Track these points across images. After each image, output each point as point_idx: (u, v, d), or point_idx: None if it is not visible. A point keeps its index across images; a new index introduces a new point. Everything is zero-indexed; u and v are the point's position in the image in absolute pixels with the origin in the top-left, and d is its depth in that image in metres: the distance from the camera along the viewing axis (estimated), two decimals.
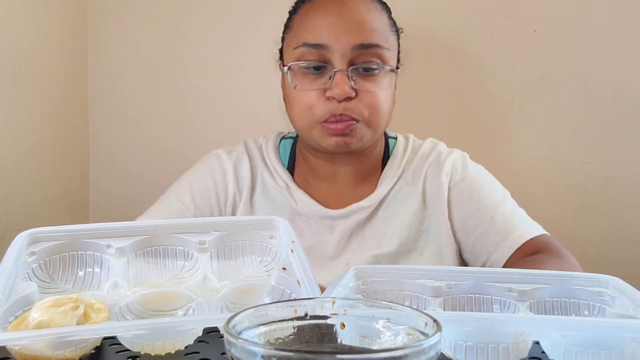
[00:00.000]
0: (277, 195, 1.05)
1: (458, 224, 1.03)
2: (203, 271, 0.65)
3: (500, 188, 1.06)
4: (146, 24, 1.45)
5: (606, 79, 1.35)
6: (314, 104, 0.96)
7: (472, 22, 1.38)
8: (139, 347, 0.54)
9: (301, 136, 1.04)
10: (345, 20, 0.95)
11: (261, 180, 1.07)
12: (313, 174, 1.07)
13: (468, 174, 1.05)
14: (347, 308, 0.47)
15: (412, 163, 1.07)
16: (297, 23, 1.00)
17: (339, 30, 0.94)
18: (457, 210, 1.03)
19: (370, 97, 0.96)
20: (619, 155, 1.36)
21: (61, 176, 1.38)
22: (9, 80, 1.19)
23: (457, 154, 1.08)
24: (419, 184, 1.04)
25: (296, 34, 0.99)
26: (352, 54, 0.94)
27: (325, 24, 0.95)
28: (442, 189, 1.03)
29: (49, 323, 0.52)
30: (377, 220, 1.03)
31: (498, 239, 0.98)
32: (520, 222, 1.00)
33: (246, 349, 0.38)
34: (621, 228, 1.37)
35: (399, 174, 1.05)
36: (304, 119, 0.98)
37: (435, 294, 0.63)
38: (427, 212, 1.03)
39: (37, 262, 0.63)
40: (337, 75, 0.94)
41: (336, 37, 0.94)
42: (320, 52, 0.95)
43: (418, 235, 1.02)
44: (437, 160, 1.06)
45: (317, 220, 1.03)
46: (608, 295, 0.62)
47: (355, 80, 0.95)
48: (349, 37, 0.94)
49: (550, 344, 0.52)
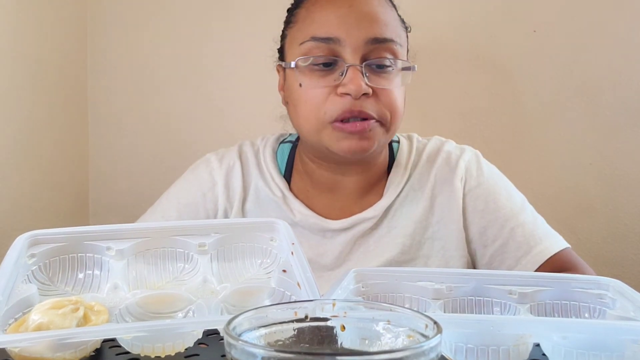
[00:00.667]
0: (272, 205, 0.98)
1: (474, 234, 0.95)
2: (203, 273, 0.65)
3: (517, 193, 0.99)
4: (146, 25, 1.45)
5: (606, 79, 1.35)
6: (323, 102, 0.87)
7: (472, 22, 1.38)
8: (138, 349, 0.54)
9: (308, 142, 0.94)
10: (357, 12, 0.88)
11: (254, 189, 0.99)
12: (313, 184, 0.99)
13: (484, 179, 0.97)
14: (347, 310, 0.47)
15: (417, 166, 0.99)
16: (303, 17, 0.92)
17: (350, 23, 0.87)
18: (474, 219, 0.95)
19: (388, 95, 0.88)
20: (619, 155, 1.36)
21: (61, 177, 1.38)
22: (9, 80, 1.19)
23: (470, 153, 1.00)
24: (426, 189, 0.97)
25: (302, 29, 0.91)
26: (365, 48, 0.87)
27: (335, 17, 0.88)
28: (455, 195, 0.95)
29: (49, 325, 0.52)
30: (381, 230, 0.96)
31: (519, 253, 0.92)
32: (541, 235, 0.93)
33: (246, 350, 0.38)
34: (621, 228, 1.37)
35: (405, 179, 0.98)
36: (311, 120, 0.89)
37: (436, 296, 0.63)
38: (434, 219, 0.96)
39: (37, 264, 0.63)
40: (351, 71, 0.86)
41: (348, 30, 0.87)
42: (330, 47, 0.87)
43: (421, 244, 0.95)
44: (447, 161, 0.98)
45: (316, 232, 0.96)
46: (608, 297, 0.62)
47: (368, 77, 0.87)
48: (362, 31, 0.87)
49: (550, 346, 0.52)
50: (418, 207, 0.96)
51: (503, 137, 1.39)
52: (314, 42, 0.88)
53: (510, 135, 1.39)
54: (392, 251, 0.94)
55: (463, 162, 0.98)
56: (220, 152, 1.04)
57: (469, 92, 1.39)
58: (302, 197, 0.99)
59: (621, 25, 1.34)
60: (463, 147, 1.01)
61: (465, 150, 1.00)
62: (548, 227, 0.96)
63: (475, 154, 1.01)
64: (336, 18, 0.88)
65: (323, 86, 0.87)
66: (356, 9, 0.88)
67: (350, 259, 0.95)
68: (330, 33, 0.87)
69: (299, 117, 0.91)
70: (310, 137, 0.92)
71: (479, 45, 1.38)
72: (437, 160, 0.98)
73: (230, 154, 1.03)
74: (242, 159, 1.02)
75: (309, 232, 0.96)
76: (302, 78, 0.89)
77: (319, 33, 0.88)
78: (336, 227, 0.95)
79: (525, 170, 1.38)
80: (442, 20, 1.39)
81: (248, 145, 1.04)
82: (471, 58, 1.39)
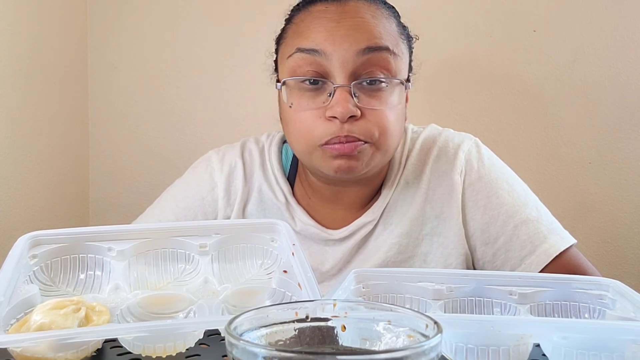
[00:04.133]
0: (274, 209, 0.95)
1: (475, 231, 0.91)
2: (204, 274, 0.65)
3: (519, 185, 0.94)
4: (146, 24, 1.45)
5: (606, 79, 1.35)
6: (312, 125, 0.84)
7: (472, 22, 1.38)
8: (140, 349, 0.54)
9: (301, 160, 0.92)
10: (347, 26, 0.83)
11: (257, 191, 0.96)
12: (314, 193, 0.96)
13: (485, 171, 0.92)
14: (348, 310, 0.47)
15: (410, 157, 0.94)
16: (292, 32, 0.89)
17: (338, 36, 0.83)
18: (474, 215, 0.91)
19: (378, 115, 0.83)
20: (619, 155, 1.36)
21: (61, 177, 1.38)
22: (9, 80, 1.19)
23: (469, 142, 0.95)
24: (420, 181, 0.92)
25: (290, 42, 0.88)
26: (354, 62, 0.82)
27: (323, 29, 0.84)
28: (455, 190, 0.91)
29: (51, 325, 0.52)
30: (378, 230, 0.93)
31: (523, 252, 0.88)
32: (546, 233, 0.89)
33: (247, 350, 0.38)
34: (621, 228, 1.37)
35: (400, 173, 0.94)
36: (301, 142, 0.86)
37: (436, 296, 0.63)
38: (433, 214, 0.92)
39: (38, 264, 0.63)
40: (338, 92, 0.81)
41: (334, 43, 0.82)
42: (316, 61, 0.83)
43: (419, 241, 0.92)
44: (444, 151, 0.93)
45: (318, 242, 0.94)
46: (608, 298, 0.62)
47: (359, 97, 0.82)
48: (350, 43, 0.82)
49: (551, 347, 0.52)
50: (414, 202, 0.92)
51: (503, 137, 1.39)
52: (300, 54, 0.85)
53: (510, 135, 1.39)
54: (388, 251, 0.91)
55: (462, 153, 0.93)
56: (222, 151, 1.01)
57: (469, 92, 1.39)
58: (304, 203, 0.96)
59: (621, 25, 1.34)
60: (462, 136, 0.96)
61: (465, 139, 0.95)
62: (552, 220, 0.92)
63: (475, 143, 0.96)
64: (324, 31, 0.84)
65: (311, 108, 0.84)
66: (345, 23, 0.84)
67: (350, 264, 0.93)
68: (316, 45, 0.83)
69: (290, 137, 0.89)
70: (302, 157, 0.90)
71: (479, 45, 1.38)
72: (433, 150, 0.94)
73: (233, 153, 1.00)
74: (244, 159, 0.99)
75: (311, 241, 0.94)
76: (292, 98, 0.86)
77: (304, 44, 0.84)
78: (337, 237, 0.93)
79: (525, 170, 1.38)
80: (442, 19, 1.39)
81: (252, 143, 1.01)
82: (471, 58, 1.39)
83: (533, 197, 0.94)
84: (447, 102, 1.40)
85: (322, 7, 0.87)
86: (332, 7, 0.86)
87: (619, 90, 1.35)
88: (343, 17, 0.84)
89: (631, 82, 1.35)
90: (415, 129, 0.98)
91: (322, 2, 0.88)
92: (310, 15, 0.87)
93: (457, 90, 1.40)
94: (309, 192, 0.96)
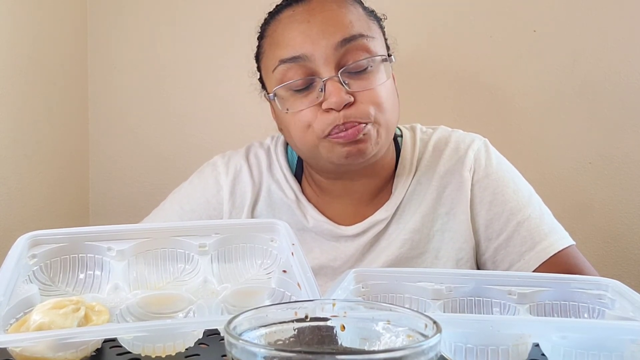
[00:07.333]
0: (284, 208, 0.97)
1: (481, 226, 0.94)
2: (203, 274, 0.65)
3: (524, 185, 0.97)
4: (147, 25, 1.45)
5: (606, 79, 1.35)
6: (311, 120, 0.86)
7: (472, 22, 1.38)
8: (139, 349, 0.54)
9: (308, 160, 0.94)
10: (318, 23, 0.87)
11: (266, 192, 0.98)
12: (322, 191, 0.98)
13: (492, 169, 0.96)
14: (347, 310, 0.47)
15: (423, 158, 0.97)
16: (269, 45, 0.92)
17: (313, 36, 0.86)
18: (480, 211, 0.94)
19: (370, 95, 0.86)
20: (619, 155, 1.36)
21: (61, 177, 1.38)
22: (9, 80, 1.19)
23: (479, 142, 0.98)
24: (433, 180, 0.95)
25: (270, 56, 0.91)
26: (336, 55, 0.85)
27: (297, 34, 0.87)
28: (464, 186, 0.94)
29: (50, 325, 0.52)
30: (391, 228, 0.95)
31: (523, 248, 0.91)
32: (546, 231, 0.92)
33: (247, 349, 0.39)
34: (621, 228, 1.37)
35: (412, 173, 0.96)
36: (305, 139, 0.88)
37: (436, 296, 0.63)
38: (443, 210, 0.94)
39: (38, 264, 0.64)
40: (329, 84, 0.85)
41: (312, 42, 0.85)
42: (301, 66, 0.86)
43: (430, 237, 0.94)
44: (455, 152, 0.96)
45: (330, 238, 0.95)
46: (608, 298, 0.62)
47: (349, 84, 0.85)
48: (327, 38, 0.85)
49: (550, 346, 0.52)
50: (425, 200, 0.95)
51: (503, 137, 1.39)
52: (283, 64, 0.87)
53: (510, 135, 1.39)
54: (401, 247, 0.93)
55: (472, 151, 0.96)
56: (227, 155, 1.03)
57: (469, 92, 1.39)
58: (314, 200, 0.98)
59: (621, 25, 1.34)
60: (472, 136, 1.00)
61: (475, 140, 0.99)
62: (554, 221, 0.95)
63: (484, 143, 0.99)
64: (299, 35, 0.87)
65: (307, 106, 0.87)
66: (315, 20, 0.87)
67: (362, 261, 0.95)
68: (296, 51, 0.86)
69: (294, 140, 0.91)
70: (310, 155, 0.91)
71: (479, 45, 1.38)
72: (445, 151, 0.97)
73: (238, 157, 1.02)
74: (249, 162, 1.01)
75: (323, 237, 0.96)
76: (286, 104, 0.89)
77: (285, 54, 0.87)
78: (350, 234, 0.95)
79: (525, 170, 1.38)
80: (441, 19, 1.39)
81: (257, 146, 1.03)
82: (471, 58, 1.39)
83: (537, 197, 0.97)
84: (447, 101, 1.40)
85: (290, 11, 0.90)
86: (299, 9, 0.89)
87: (619, 90, 1.35)
88: (312, 14, 0.88)
89: (631, 82, 1.35)
90: (425, 129, 1.01)
91: (288, 8, 0.91)
92: (281, 23, 0.90)
93: (457, 90, 1.40)
94: (317, 190, 0.98)
